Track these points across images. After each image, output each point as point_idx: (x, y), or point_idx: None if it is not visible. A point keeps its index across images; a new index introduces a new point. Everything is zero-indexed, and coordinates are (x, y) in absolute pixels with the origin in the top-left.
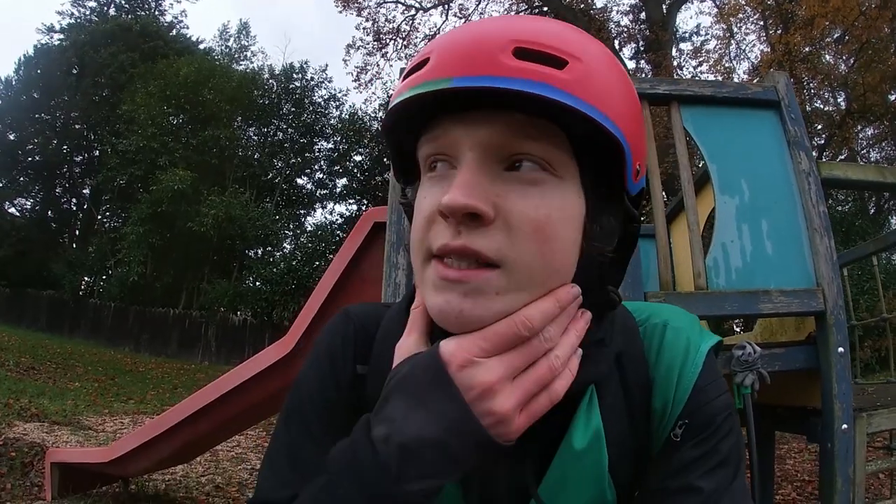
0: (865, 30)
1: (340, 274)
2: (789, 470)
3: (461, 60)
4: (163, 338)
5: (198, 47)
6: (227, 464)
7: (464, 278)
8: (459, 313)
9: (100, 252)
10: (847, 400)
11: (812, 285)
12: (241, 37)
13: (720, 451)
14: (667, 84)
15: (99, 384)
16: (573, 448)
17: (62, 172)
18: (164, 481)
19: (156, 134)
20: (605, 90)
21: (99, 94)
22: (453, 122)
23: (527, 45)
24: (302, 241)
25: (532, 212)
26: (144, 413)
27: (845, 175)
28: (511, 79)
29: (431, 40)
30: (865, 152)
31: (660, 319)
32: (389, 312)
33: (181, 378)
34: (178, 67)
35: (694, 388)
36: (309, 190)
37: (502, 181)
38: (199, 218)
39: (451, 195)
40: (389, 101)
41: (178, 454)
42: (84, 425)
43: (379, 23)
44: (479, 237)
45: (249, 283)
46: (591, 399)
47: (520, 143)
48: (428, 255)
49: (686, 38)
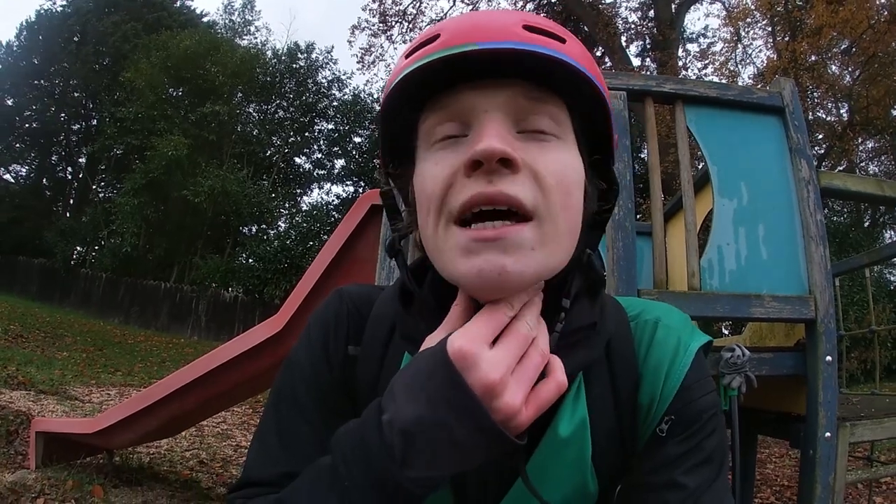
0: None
1: (335, 254)
2: (769, 474)
3: (480, 31)
4: (153, 311)
5: (201, 20)
6: (212, 439)
7: (502, 235)
8: (502, 270)
9: (93, 222)
10: (832, 408)
11: (804, 293)
12: (246, 11)
13: (704, 449)
14: (673, 83)
15: (87, 355)
16: (558, 435)
17: (59, 140)
18: (149, 454)
19: (155, 103)
20: (594, 67)
21: (100, 63)
22: (465, 91)
23: (533, 23)
24: (297, 220)
25: (553, 167)
26: (131, 385)
27: (844, 186)
28: (530, 44)
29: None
30: (865, 165)
31: (652, 316)
32: (382, 295)
33: (170, 352)
34: (181, 39)
35: (681, 385)
36: (307, 169)
37: (520, 140)
38: (193, 188)
39: (487, 142)
40: (390, 79)
41: (163, 428)
42: (71, 395)
43: (385, 4)
44: (513, 184)
45: (242, 260)
46: (578, 388)
47: (530, 107)
48: (449, 220)
49: (693, 38)
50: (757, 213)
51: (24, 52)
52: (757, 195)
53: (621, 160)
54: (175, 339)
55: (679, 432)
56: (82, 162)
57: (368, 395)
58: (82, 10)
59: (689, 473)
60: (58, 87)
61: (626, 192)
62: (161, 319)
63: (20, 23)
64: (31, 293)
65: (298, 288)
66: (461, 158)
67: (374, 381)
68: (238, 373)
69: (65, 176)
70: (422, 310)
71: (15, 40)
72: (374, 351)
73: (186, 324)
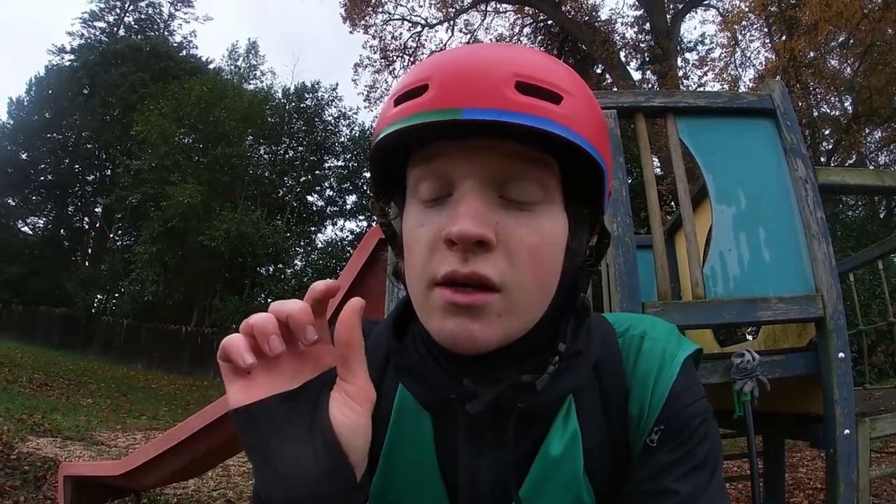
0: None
1: (347, 288)
2: (802, 478)
3: (467, 92)
4: (175, 355)
5: (207, 67)
6: (239, 478)
7: (473, 302)
8: (470, 334)
9: (112, 270)
10: (848, 405)
11: (811, 291)
12: (250, 56)
13: (696, 455)
14: (662, 96)
15: (112, 400)
16: (550, 455)
17: (74, 191)
18: (176, 495)
19: (168, 153)
20: (590, 122)
21: (110, 114)
22: (450, 149)
23: (527, 79)
24: (313, 258)
25: (527, 238)
26: (157, 429)
27: (843, 180)
28: (517, 113)
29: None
30: (874, 156)
31: (637, 331)
32: (377, 328)
33: (193, 395)
34: (191, 87)
35: (669, 395)
36: (319, 207)
37: (499, 207)
38: (209, 232)
39: (462, 225)
40: (379, 124)
41: (189, 467)
42: (97, 440)
43: (385, 40)
44: (485, 263)
45: (261, 300)
46: (569, 407)
47: (515, 171)
48: (431, 283)
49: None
50: (756, 217)
51: (35, 107)
52: (755, 199)
53: (616, 177)
54: (198, 382)
55: (670, 441)
56: (98, 212)
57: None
58: (89, 64)
59: (681, 480)
60: (70, 140)
61: (624, 208)
62: (183, 363)
63: (30, 78)
64: (54, 342)
65: None
66: (443, 225)
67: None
68: None
69: (82, 226)
70: (415, 340)
71: (25, 96)
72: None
73: (209, 366)
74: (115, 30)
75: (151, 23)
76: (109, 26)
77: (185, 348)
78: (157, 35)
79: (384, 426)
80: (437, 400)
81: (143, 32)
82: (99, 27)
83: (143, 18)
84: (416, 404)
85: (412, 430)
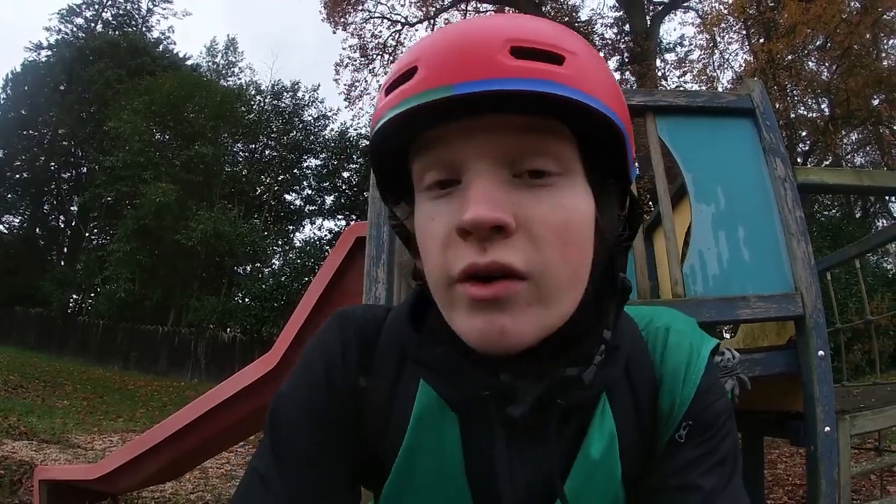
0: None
1: (324, 288)
2: (780, 474)
3: (457, 65)
4: (152, 355)
5: (185, 63)
6: (217, 480)
7: (498, 294)
8: (502, 330)
9: (88, 269)
10: (829, 403)
11: (790, 290)
12: (229, 53)
13: (720, 451)
14: (641, 95)
15: (88, 402)
16: (590, 457)
17: (50, 189)
18: (154, 499)
19: (142, 150)
20: (601, 82)
21: (86, 111)
22: (452, 131)
23: (522, 43)
24: (290, 257)
25: (550, 216)
26: (134, 431)
27: (821, 180)
28: (515, 79)
29: (414, 44)
30: (850, 157)
31: (661, 323)
32: (391, 316)
33: (170, 396)
34: (162, 83)
35: (698, 390)
36: (297, 206)
37: (515, 188)
38: (185, 232)
39: (475, 210)
40: (374, 119)
41: (166, 470)
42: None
43: (365, 38)
44: (506, 250)
45: (238, 300)
46: (604, 405)
47: (526, 145)
48: (451, 281)
49: (670, 48)
50: (735, 216)
51: (12, 104)
52: (734, 198)
53: None
54: (175, 383)
55: (697, 436)
56: (74, 210)
57: (381, 426)
58: (66, 60)
59: (705, 475)
60: (46, 137)
61: None
62: (160, 364)
63: (6, 74)
64: (29, 343)
65: (289, 324)
66: (455, 216)
67: (388, 411)
68: (235, 412)
69: (57, 224)
70: (434, 331)
71: (1, 93)
72: (386, 380)
73: (186, 367)
74: (93, 25)
75: (129, 18)
76: (87, 22)
77: (163, 349)
78: (135, 30)
79: (401, 429)
80: (468, 398)
81: (121, 28)
82: (77, 23)
83: (121, 14)
84: (441, 404)
85: (435, 433)
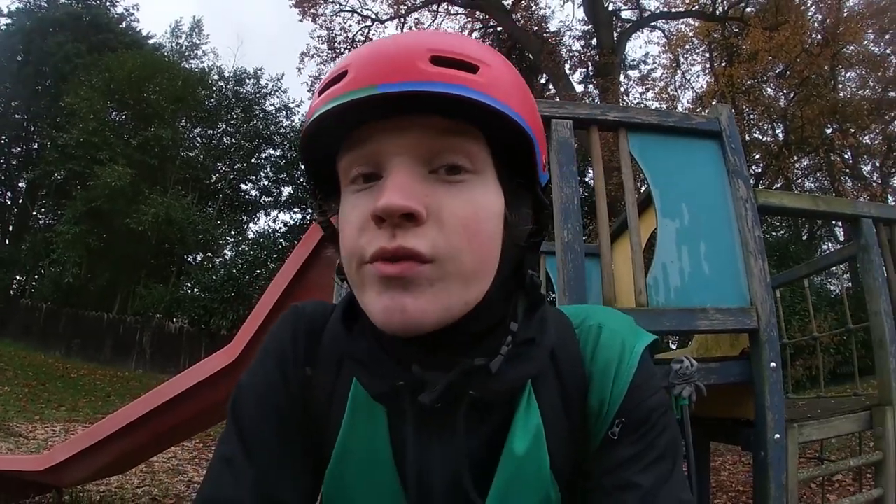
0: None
1: (289, 281)
2: (724, 481)
3: (382, 69)
4: (96, 343)
5: (148, 42)
6: (164, 475)
7: (403, 272)
8: (404, 308)
9: (33, 250)
10: (779, 411)
11: (746, 304)
12: (194, 35)
13: (657, 447)
14: (616, 111)
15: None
16: (514, 453)
17: None
18: (99, 492)
19: (97, 129)
20: (512, 91)
21: (42, 84)
22: (376, 130)
23: (441, 53)
24: (243, 248)
25: (460, 210)
26: (76, 421)
27: (781, 203)
28: (433, 83)
29: (345, 55)
30: (801, 181)
31: (595, 321)
32: (333, 317)
33: (114, 386)
34: (124, 61)
35: (630, 386)
36: (253, 196)
37: (430, 182)
38: (137, 216)
39: (388, 198)
40: (306, 118)
41: (115, 464)
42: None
43: (334, 31)
44: (413, 237)
45: (187, 290)
46: (528, 399)
47: (442, 144)
48: (361, 262)
49: (634, 65)
50: (698, 232)
51: None
52: (698, 215)
53: (569, 185)
54: (119, 373)
55: (631, 433)
56: (22, 187)
57: (323, 414)
58: (26, 29)
59: (643, 473)
60: None
61: (575, 216)
62: (104, 352)
63: None
64: None
65: (252, 317)
66: (372, 204)
67: (329, 400)
68: (193, 404)
69: (4, 201)
70: (363, 329)
71: None
72: (328, 371)
73: (131, 356)
74: None
75: None
76: None
77: (107, 337)
78: (99, 4)
79: (339, 419)
80: (387, 389)
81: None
82: None
83: None
84: (370, 397)
85: (366, 423)
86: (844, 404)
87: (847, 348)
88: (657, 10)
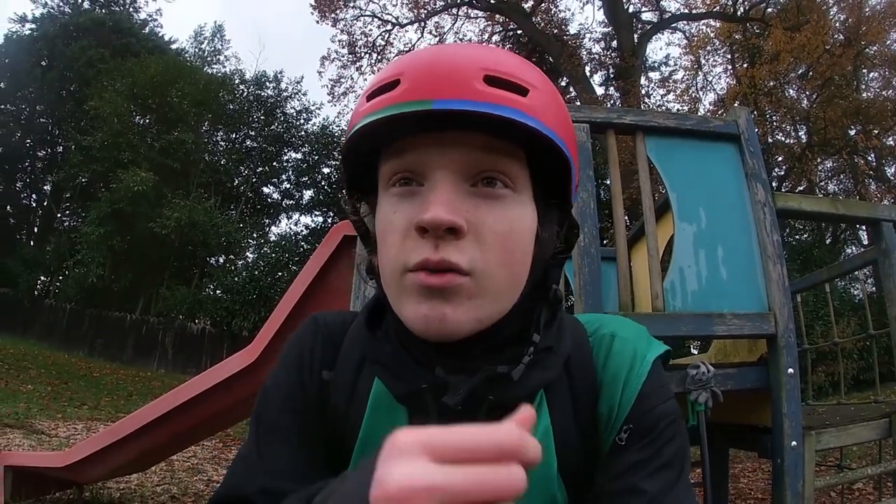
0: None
1: (308, 284)
2: (743, 488)
3: (437, 84)
4: (119, 343)
5: (170, 47)
6: (183, 474)
7: (446, 284)
8: (443, 317)
9: (58, 251)
10: (796, 418)
11: (764, 309)
12: (216, 40)
13: (664, 454)
14: (633, 115)
15: (52, 388)
16: None
17: (24, 167)
18: (119, 490)
19: (121, 132)
20: (556, 115)
21: (66, 88)
22: (423, 141)
23: (495, 73)
24: (265, 251)
25: (497, 226)
26: (98, 419)
27: (799, 206)
28: (486, 103)
29: (395, 60)
30: (824, 184)
31: (608, 330)
32: (356, 320)
33: (136, 385)
34: (147, 66)
35: (639, 394)
36: (275, 199)
37: (470, 197)
38: (160, 220)
39: (434, 212)
40: (352, 121)
41: (134, 462)
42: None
43: (355, 35)
44: (455, 250)
45: (209, 292)
46: (540, 403)
47: (486, 162)
48: (404, 269)
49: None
50: (716, 236)
51: None
52: (715, 219)
53: (585, 189)
54: (141, 373)
55: (638, 440)
56: (47, 189)
57: (341, 418)
58: (50, 35)
59: (649, 479)
60: (24, 113)
61: (591, 220)
62: (127, 352)
63: None
64: None
65: (272, 319)
66: (415, 213)
67: (347, 404)
68: (211, 405)
69: (29, 203)
70: (388, 333)
71: None
72: (347, 376)
73: (153, 356)
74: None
75: None
76: None
77: (130, 337)
78: (122, 10)
79: (359, 419)
80: (410, 391)
81: (108, 6)
82: None
83: None
84: (391, 398)
85: (387, 424)
86: (864, 411)
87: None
88: (677, 11)
